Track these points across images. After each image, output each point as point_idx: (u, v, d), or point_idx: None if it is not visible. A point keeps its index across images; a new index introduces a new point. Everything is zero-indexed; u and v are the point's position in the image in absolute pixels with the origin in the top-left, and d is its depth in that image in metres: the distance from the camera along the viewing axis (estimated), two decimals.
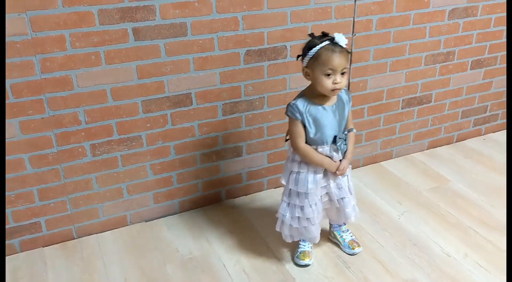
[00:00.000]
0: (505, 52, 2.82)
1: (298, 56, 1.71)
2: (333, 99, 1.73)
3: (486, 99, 2.93)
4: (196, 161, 2.23)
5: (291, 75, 2.25)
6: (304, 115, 1.69)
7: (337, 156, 1.78)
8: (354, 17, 2.27)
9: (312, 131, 1.71)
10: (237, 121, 2.24)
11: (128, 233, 2.17)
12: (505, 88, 2.96)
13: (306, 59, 1.65)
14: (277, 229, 1.92)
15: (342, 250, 2.03)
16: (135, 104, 1.99)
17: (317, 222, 1.86)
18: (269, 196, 2.43)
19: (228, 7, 1.99)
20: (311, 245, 1.99)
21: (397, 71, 2.52)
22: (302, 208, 1.81)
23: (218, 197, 2.38)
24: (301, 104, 1.70)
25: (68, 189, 2.03)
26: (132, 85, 1.96)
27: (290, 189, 1.82)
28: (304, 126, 1.71)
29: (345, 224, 2.05)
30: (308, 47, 1.65)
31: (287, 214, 1.85)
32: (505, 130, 3.11)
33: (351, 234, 2.06)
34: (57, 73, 1.82)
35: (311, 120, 1.70)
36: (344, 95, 1.77)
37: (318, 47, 1.61)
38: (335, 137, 1.74)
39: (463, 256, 2.00)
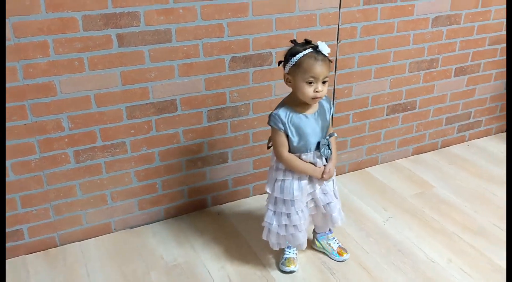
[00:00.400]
0: (488, 59, 2.86)
1: (280, 62, 1.71)
2: (315, 107, 1.73)
3: (469, 106, 2.96)
4: (181, 167, 2.23)
5: (276, 81, 2.26)
6: (287, 125, 1.69)
7: (321, 162, 1.78)
8: (338, 25, 2.29)
9: (295, 140, 1.71)
10: (222, 128, 2.24)
11: (112, 240, 2.15)
12: (505, 90, 3.00)
13: (288, 66, 1.64)
14: (264, 237, 1.91)
15: (330, 258, 2.02)
16: (119, 111, 1.98)
17: (304, 228, 1.86)
18: (255, 202, 2.43)
19: (213, 14, 1.99)
20: (296, 252, 1.99)
21: (381, 78, 2.54)
22: (288, 215, 1.80)
23: (204, 203, 2.37)
24: (283, 114, 1.69)
25: (51, 196, 2.01)
26: (116, 92, 1.95)
27: (276, 197, 1.81)
28: (287, 135, 1.71)
29: (331, 232, 2.05)
30: (290, 53, 1.64)
31: (274, 222, 1.84)
32: (489, 136, 3.15)
33: (337, 241, 2.06)
34: (40, 79, 1.81)
35: (294, 130, 1.70)
36: (325, 103, 1.77)
37: (301, 54, 1.60)
38: (318, 143, 1.74)
39: (447, 261, 2.01)
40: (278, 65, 1.72)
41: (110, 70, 1.90)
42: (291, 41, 1.68)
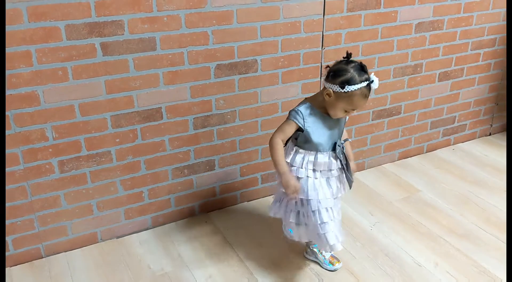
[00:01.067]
0: (471, 64, 2.89)
1: (327, 75, 1.67)
2: None
3: (454, 110, 3.00)
4: (167, 175, 2.22)
5: (262, 88, 2.26)
6: (306, 121, 1.71)
7: (336, 164, 1.79)
8: (323, 31, 2.31)
9: (314, 137, 1.72)
10: (209, 135, 2.24)
11: (98, 250, 2.13)
12: (488, 95, 3.04)
13: (338, 89, 1.62)
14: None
15: (322, 267, 2.01)
16: (103, 120, 1.97)
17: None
18: (242, 209, 2.43)
19: (198, 22, 1.99)
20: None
21: None
22: (314, 213, 1.77)
23: (191, 211, 2.36)
24: (304, 110, 1.72)
25: (36, 206, 1.99)
26: (100, 101, 1.94)
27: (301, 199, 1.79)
28: (301, 131, 1.72)
29: None
30: (347, 80, 1.60)
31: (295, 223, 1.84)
32: (473, 140, 3.19)
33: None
34: (23, 89, 1.79)
35: (314, 127, 1.72)
36: None
37: (356, 87, 1.60)
38: (334, 145, 1.77)
39: (433, 265, 2.02)
40: (325, 79, 1.68)
41: (94, 79, 1.89)
42: (345, 58, 1.68)
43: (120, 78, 1.94)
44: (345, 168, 1.80)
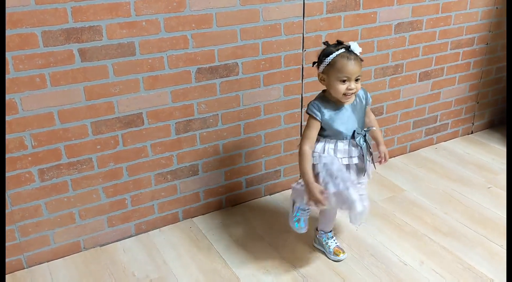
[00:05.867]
0: (451, 64, 2.92)
1: (314, 62, 1.81)
2: (351, 98, 1.81)
3: (435, 110, 3.02)
4: (150, 181, 2.19)
5: (244, 92, 2.26)
6: (323, 112, 1.77)
7: (356, 151, 1.82)
8: (303, 33, 2.31)
9: (331, 126, 1.78)
10: (191, 140, 2.22)
11: (81, 259, 2.10)
12: (468, 93, 3.07)
13: (323, 65, 1.74)
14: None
15: (327, 257, 2.06)
16: (84, 126, 1.95)
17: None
18: (227, 214, 2.41)
19: (177, 26, 1.98)
20: (335, 240, 2.09)
21: None
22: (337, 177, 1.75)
23: (175, 217, 2.34)
24: (320, 102, 1.79)
25: (16, 216, 1.95)
26: (80, 107, 1.91)
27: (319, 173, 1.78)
28: (321, 123, 1.78)
29: (331, 231, 2.09)
30: (324, 54, 1.74)
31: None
32: (456, 139, 3.22)
33: (336, 241, 2.09)
34: None
35: (330, 116, 1.77)
36: (361, 93, 1.86)
37: (334, 54, 1.71)
38: (354, 132, 1.81)
39: (419, 263, 2.03)
40: (312, 65, 1.83)
41: (73, 85, 1.87)
42: (324, 43, 1.79)
43: (100, 84, 1.92)
44: (365, 156, 1.83)
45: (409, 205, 2.46)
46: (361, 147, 1.82)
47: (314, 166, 1.80)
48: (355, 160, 1.84)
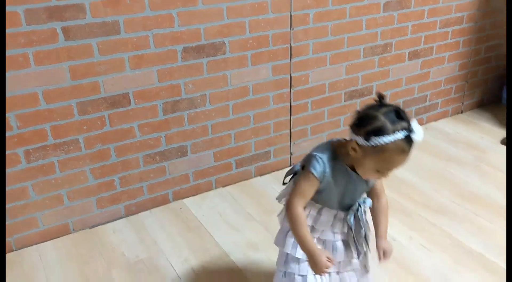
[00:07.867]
0: (440, 42, 2.92)
1: (353, 125, 1.24)
2: None
3: (425, 89, 3.02)
4: (139, 162, 2.18)
5: (231, 71, 2.24)
6: (326, 175, 1.31)
7: (340, 226, 1.42)
8: (291, 12, 2.29)
9: (326, 193, 1.35)
10: (179, 120, 2.21)
11: (71, 241, 2.09)
12: (458, 72, 3.06)
13: (365, 142, 1.20)
14: None
15: None
16: (69, 107, 1.93)
17: None
18: (217, 195, 2.40)
19: (162, 4, 1.96)
20: None
21: (337, 64, 2.56)
22: (304, 278, 1.41)
23: (165, 198, 2.34)
24: (328, 162, 1.30)
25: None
26: (65, 87, 1.89)
27: (287, 254, 1.43)
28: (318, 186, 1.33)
29: None
30: (375, 129, 1.18)
31: None
32: (446, 118, 3.22)
33: None
34: None
35: (330, 182, 1.32)
36: None
37: (389, 139, 1.17)
38: (349, 207, 1.39)
39: (408, 239, 2.04)
40: (350, 128, 1.25)
41: (57, 65, 1.85)
42: (378, 98, 1.26)
43: (85, 64, 1.89)
44: (355, 235, 1.40)
45: (399, 184, 2.46)
46: (351, 228, 1.40)
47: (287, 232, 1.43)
48: (338, 236, 1.43)
